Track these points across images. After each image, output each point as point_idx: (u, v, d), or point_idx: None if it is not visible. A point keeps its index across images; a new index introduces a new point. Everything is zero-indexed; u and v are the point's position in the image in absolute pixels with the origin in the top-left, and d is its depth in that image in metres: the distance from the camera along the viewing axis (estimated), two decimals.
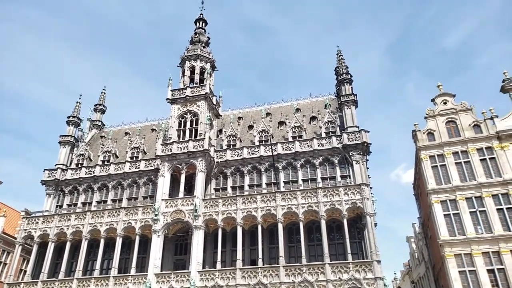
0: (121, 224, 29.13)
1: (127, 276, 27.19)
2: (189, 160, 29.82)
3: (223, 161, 30.57)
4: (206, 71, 34.07)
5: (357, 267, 23.64)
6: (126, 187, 32.38)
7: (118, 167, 33.13)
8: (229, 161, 30.46)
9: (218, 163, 30.56)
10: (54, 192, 33.95)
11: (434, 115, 29.29)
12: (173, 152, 30.09)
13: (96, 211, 30.75)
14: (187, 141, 30.46)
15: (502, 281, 23.05)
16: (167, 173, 30.11)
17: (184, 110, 32.65)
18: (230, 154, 30.72)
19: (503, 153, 26.30)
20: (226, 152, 30.90)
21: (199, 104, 32.41)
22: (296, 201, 26.43)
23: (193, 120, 32.21)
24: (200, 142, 30.06)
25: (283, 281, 24.18)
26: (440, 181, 26.94)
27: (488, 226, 24.61)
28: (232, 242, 27.83)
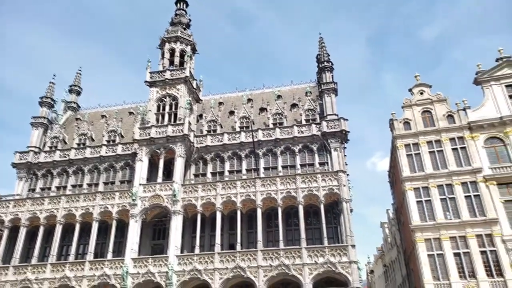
0: (97, 209, 28.70)
1: (103, 261, 26.97)
2: (168, 144, 29.53)
3: (203, 146, 30.45)
4: (187, 54, 33.50)
5: (333, 251, 24.33)
6: (103, 171, 31.82)
7: (94, 151, 32.44)
8: (209, 146, 30.38)
9: (198, 148, 30.43)
10: (26, 175, 32.98)
11: (410, 105, 30.08)
12: (152, 136, 29.70)
13: (71, 195, 30.14)
14: (166, 125, 30.09)
15: (467, 264, 24.36)
16: (145, 157, 29.75)
17: (163, 93, 32.12)
18: (211, 140, 30.62)
19: (473, 143, 27.42)
20: (206, 138, 30.78)
21: (179, 88, 31.95)
22: (275, 187, 26.78)
23: (172, 104, 31.77)
24: (179, 126, 29.77)
25: (261, 265, 24.64)
26: (414, 169, 27.89)
27: (457, 213, 25.79)
28: (211, 227, 28.00)
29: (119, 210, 28.37)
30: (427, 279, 24.51)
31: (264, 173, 28.74)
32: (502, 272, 23.46)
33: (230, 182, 27.85)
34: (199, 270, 25.25)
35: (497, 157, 26.72)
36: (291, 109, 32.44)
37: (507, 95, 28.16)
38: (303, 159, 28.91)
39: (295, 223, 27.02)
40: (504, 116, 27.23)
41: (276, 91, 34.53)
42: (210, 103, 34.46)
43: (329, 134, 28.41)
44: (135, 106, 37.64)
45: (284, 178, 27.21)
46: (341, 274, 23.61)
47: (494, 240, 24.33)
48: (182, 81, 31.97)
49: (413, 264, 29.06)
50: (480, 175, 26.12)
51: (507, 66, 28.78)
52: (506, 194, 25.53)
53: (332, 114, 29.58)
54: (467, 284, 23.73)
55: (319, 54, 33.05)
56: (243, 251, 25.57)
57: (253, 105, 33.56)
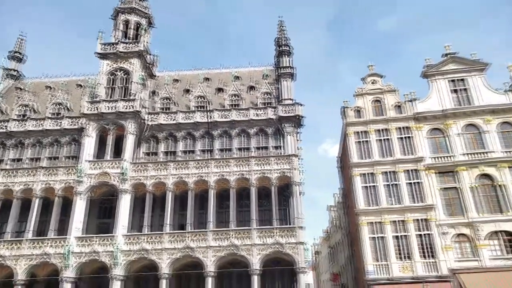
0: (39, 185, 27.18)
1: (44, 240, 25.72)
2: (118, 121, 28.39)
3: (155, 124, 29.59)
4: (142, 27, 32.06)
5: (282, 232, 24.98)
6: (47, 145, 29.98)
7: (37, 123, 30.40)
8: (162, 125, 29.58)
9: (150, 126, 29.52)
10: None
11: (363, 94, 31.07)
12: (101, 111, 28.37)
13: (9, 170, 28.28)
14: (117, 100, 28.85)
15: (405, 246, 26.03)
16: (93, 133, 28.42)
17: (115, 66, 30.63)
18: (164, 118, 29.81)
19: (418, 133, 28.99)
20: (160, 115, 29.91)
21: (132, 62, 30.62)
22: (229, 169, 26.80)
23: (124, 79, 30.43)
24: (131, 102, 28.65)
25: (211, 245, 24.79)
26: (362, 155, 29.05)
27: (399, 198, 27.33)
28: (161, 207, 27.54)
29: (64, 187, 27.05)
30: (369, 260, 25.95)
31: (218, 155, 28.58)
32: (434, 254, 25.36)
33: (183, 163, 27.45)
34: (147, 250, 24.89)
35: (438, 148, 28.50)
36: (249, 91, 32.33)
37: (450, 90, 29.92)
38: (258, 142, 29.07)
39: (246, 205, 27.29)
40: (446, 109, 28.97)
41: (234, 72, 34.15)
42: (165, 80, 33.40)
43: (284, 119, 28.72)
44: (84, 78, 35.55)
45: (239, 160, 27.28)
46: (288, 254, 24.35)
47: (430, 224, 26.15)
48: (135, 55, 30.64)
49: (356, 246, 30.60)
50: (422, 164, 27.78)
51: (452, 62, 30.48)
52: (444, 182, 27.40)
53: (288, 98, 29.86)
54: (403, 264, 25.44)
55: (279, 37, 33.02)
56: (193, 232, 25.51)
57: (210, 84, 33.02)
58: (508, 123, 28.12)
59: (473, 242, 25.25)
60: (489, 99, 28.86)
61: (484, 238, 25.11)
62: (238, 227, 25.72)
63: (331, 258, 49.87)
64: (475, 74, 29.89)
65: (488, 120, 28.19)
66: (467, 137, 28.30)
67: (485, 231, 25.27)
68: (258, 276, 24.18)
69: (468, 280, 23.62)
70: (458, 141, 28.08)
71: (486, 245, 25.02)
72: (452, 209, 26.48)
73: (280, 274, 25.45)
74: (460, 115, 28.71)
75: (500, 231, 25.30)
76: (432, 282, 23.79)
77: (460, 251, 25.42)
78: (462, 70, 30.17)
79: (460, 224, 25.83)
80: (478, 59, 30.12)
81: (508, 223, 25.27)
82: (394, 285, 24.69)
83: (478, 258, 24.82)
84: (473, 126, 28.47)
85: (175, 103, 31.60)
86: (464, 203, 26.31)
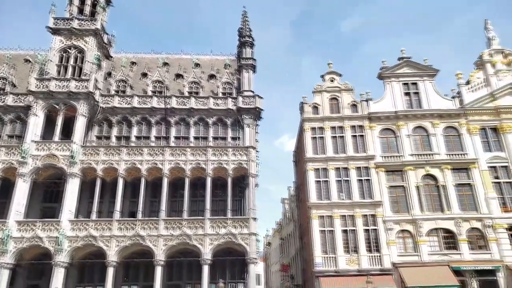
0: None
1: None
2: (69, 101, 26.94)
3: (109, 107, 28.39)
4: (99, 4, 30.49)
5: (235, 223, 25.05)
6: None
7: None
8: (116, 108, 28.43)
9: (104, 108, 28.29)
10: None
11: (321, 91, 31.72)
12: (51, 89, 26.74)
13: None
14: (69, 79, 27.33)
15: (352, 240, 27.09)
16: (40, 112, 26.76)
17: (68, 44, 28.96)
18: (118, 101, 28.66)
19: (370, 132, 30.13)
20: (114, 98, 28.72)
21: (87, 40, 29.08)
22: (184, 157, 26.36)
23: (78, 57, 28.87)
24: (84, 82, 27.25)
25: (162, 234, 24.37)
26: (317, 151, 29.75)
27: (349, 194, 28.33)
28: (111, 193, 26.58)
29: (5, 168, 25.36)
30: (317, 252, 26.76)
31: (174, 142, 27.99)
32: (379, 248, 26.63)
33: (136, 148, 26.63)
34: (94, 236, 24.01)
35: (388, 147, 29.81)
36: (209, 80, 31.86)
37: (403, 92, 31.31)
38: (216, 132, 28.79)
39: (201, 194, 27.05)
40: (398, 110, 30.31)
41: (195, 59, 33.44)
42: (122, 62, 32.09)
43: (244, 110, 28.65)
44: (33, 53, 33.22)
45: (195, 149, 26.90)
46: (240, 245, 24.50)
47: (376, 220, 27.38)
48: (91, 33, 29.13)
49: (306, 238, 31.42)
50: (373, 162, 28.93)
51: (406, 66, 31.88)
52: (392, 180, 28.76)
53: (248, 90, 29.80)
54: (350, 258, 26.50)
55: (242, 28, 32.76)
56: (144, 220, 24.94)
57: (169, 70, 32.16)
58: (452, 127, 29.96)
59: (415, 238, 26.80)
60: (437, 103, 30.56)
61: (424, 234, 26.72)
62: (191, 217, 25.46)
63: (282, 250, 50.89)
64: (426, 79, 31.50)
65: (435, 123, 29.87)
66: (416, 139, 29.84)
67: (425, 228, 26.89)
68: (209, 266, 24.15)
69: (407, 274, 25.07)
70: (407, 142, 29.52)
71: (426, 241, 26.65)
72: (398, 206, 27.90)
73: (231, 264, 25.57)
74: (410, 117, 30.17)
75: (439, 228, 27.04)
76: (375, 275, 24.96)
77: (403, 246, 26.90)
78: (415, 74, 31.68)
79: (404, 221, 27.29)
80: (430, 65, 31.76)
81: (446, 221, 27.04)
82: (340, 277, 25.66)
83: (418, 253, 26.40)
84: (421, 129, 30.04)
85: (131, 86, 30.49)
86: (409, 201, 27.80)
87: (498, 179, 28.27)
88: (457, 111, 30.12)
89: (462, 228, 26.69)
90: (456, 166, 28.57)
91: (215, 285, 24.57)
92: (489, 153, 28.89)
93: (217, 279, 24.63)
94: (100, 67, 29.69)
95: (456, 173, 28.50)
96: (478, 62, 32.27)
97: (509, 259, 25.81)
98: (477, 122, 29.81)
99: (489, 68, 31.50)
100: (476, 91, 30.91)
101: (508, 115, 29.74)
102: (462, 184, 28.19)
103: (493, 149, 29.10)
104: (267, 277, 68.75)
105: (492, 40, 32.90)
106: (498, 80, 30.98)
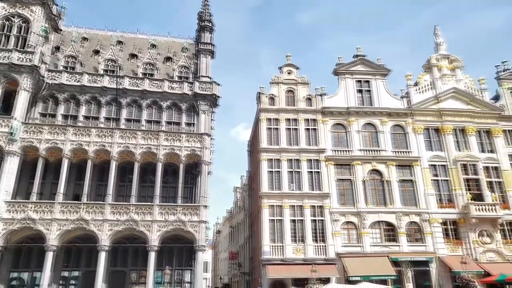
0: None
1: None
2: (11, 74, 25.02)
3: (56, 83, 26.69)
4: None
5: (185, 210, 24.73)
6: None
7: None
8: (64, 85, 26.79)
9: (50, 84, 26.56)
10: None
11: (278, 82, 31.95)
12: None
13: None
14: (11, 50, 25.33)
15: (300, 230, 27.80)
16: None
17: (12, 11, 26.80)
18: (67, 78, 27.02)
19: (323, 126, 30.89)
20: (62, 74, 27.04)
21: (34, 10, 27.05)
22: (135, 141, 25.47)
23: (22, 27, 26.81)
24: (28, 55, 25.38)
25: (107, 219, 23.55)
26: (271, 142, 30.05)
27: (299, 185, 28.98)
28: (54, 174, 25.21)
29: None
30: (266, 241, 27.19)
31: (125, 125, 26.94)
32: (325, 239, 27.59)
33: (84, 129, 25.35)
34: (33, 219, 22.70)
35: (339, 142, 30.77)
36: (165, 62, 30.89)
37: (356, 89, 32.35)
38: (170, 117, 28.07)
39: (151, 180, 26.39)
40: (350, 107, 31.30)
41: (152, 40, 32.24)
42: (72, 36, 30.21)
43: (200, 96, 28.15)
44: None
45: (147, 133, 26.09)
46: (189, 232, 24.28)
47: (324, 211, 28.27)
48: (38, 2, 27.14)
49: (256, 227, 31.81)
50: (323, 155, 29.75)
51: (360, 64, 32.92)
52: (340, 173, 29.76)
53: (206, 76, 29.30)
54: (297, 247, 27.21)
55: (202, 12, 32.01)
56: (89, 203, 23.94)
57: (123, 48, 30.74)
58: (400, 126, 31.50)
59: (359, 230, 28.04)
60: (387, 102, 31.93)
61: (368, 226, 28.03)
62: (140, 202, 24.78)
63: (231, 238, 51.22)
64: (378, 78, 32.76)
65: (384, 121, 31.22)
66: (365, 135, 31.04)
67: (369, 220, 28.21)
68: (156, 252, 23.72)
69: (350, 264, 26.21)
70: (356, 138, 30.63)
71: (369, 233, 27.98)
72: (345, 199, 28.99)
73: (179, 251, 25.29)
74: (361, 114, 31.29)
75: (382, 221, 28.48)
76: (320, 264, 25.82)
77: (347, 237, 28.04)
78: (368, 72, 32.82)
79: (349, 213, 28.42)
80: (383, 64, 33.04)
81: (388, 215, 28.52)
82: (286, 265, 26.29)
83: (361, 244, 27.67)
84: (371, 125, 31.29)
85: (82, 63, 28.85)
86: (355, 194, 28.97)
87: (437, 177, 30.23)
88: (405, 111, 31.68)
89: (402, 222, 28.30)
90: (400, 163, 30.14)
91: (161, 271, 24.25)
92: (430, 152, 30.76)
93: (164, 266, 24.31)
94: (47, 40, 27.78)
95: (400, 169, 30.06)
96: (426, 66, 34.06)
97: (441, 251, 27.82)
98: (422, 122, 31.57)
99: (436, 72, 33.38)
100: (423, 93, 32.67)
101: (449, 118, 31.76)
102: (405, 180, 29.82)
103: (434, 149, 31.02)
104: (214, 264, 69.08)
105: (440, 45, 34.83)
106: (442, 84, 32.93)
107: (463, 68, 33.94)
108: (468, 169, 30.21)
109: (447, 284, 26.95)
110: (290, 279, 25.92)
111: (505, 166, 30.75)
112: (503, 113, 32.43)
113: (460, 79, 33.37)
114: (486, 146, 31.49)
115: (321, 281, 24.22)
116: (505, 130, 32.15)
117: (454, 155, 30.47)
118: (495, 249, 28.10)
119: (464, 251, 27.92)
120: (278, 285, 26.34)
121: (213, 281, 66.35)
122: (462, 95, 32.51)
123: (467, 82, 33.46)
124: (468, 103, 32.36)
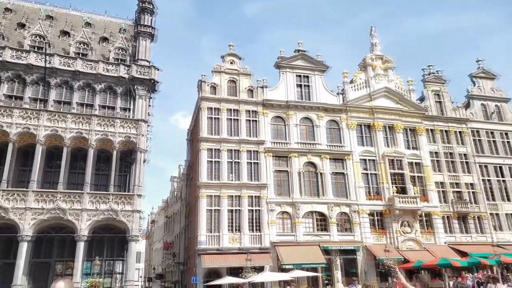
0: None
1: None
2: None
3: None
4: None
5: (118, 199, 23.67)
6: None
7: None
8: None
9: None
10: None
11: (220, 71, 31.69)
12: None
13: None
14: None
15: (237, 219, 28.06)
16: None
17: None
18: None
19: (263, 118, 31.30)
20: None
21: None
22: (65, 125, 23.73)
23: None
24: None
25: (30, 207, 21.81)
26: (212, 131, 29.82)
27: (238, 175, 29.17)
28: None
29: None
30: (202, 230, 27.06)
31: (54, 107, 25.01)
32: (261, 228, 28.12)
33: (5, 109, 23.10)
34: None
35: (278, 134, 31.40)
36: (100, 43, 29.06)
37: (296, 84, 33.14)
38: (104, 100, 26.52)
39: (81, 167, 24.85)
40: (290, 100, 32.02)
41: (86, 18, 30.09)
42: None
43: (137, 80, 26.94)
44: None
45: (78, 116, 24.42)
46: (122, 222, 23.31)
47: (261, 201, 28.77)
48: None
49: (192, 217, 31.50)
50: (263, 147, 30.18)
51: (301, 59, 33.74)
52: (278, 165, 30.43)
53: (144, 59, 28.07)
54: (233, 236, 27.44)
55: None
56: (9, 190, 21.99)
57: (54, 24, 28.38)
58: (334, 121, 32.89)
59: (293, 220, 28.96)
60: (324, 98, 33.15)
61: (301, 216, 29.05)
62: (68, 190, 23.27)
63: (167, 228, 50.28)
64: (317, 74, 33.85)
65: (320, 116, 32.39)
66: (302, 129, 32.00)
67: (303, 210, 29.25)
68: (86, 242, 22.50)
69: (283, 252, 27.02)
70: (294, 131, 31.47)
71: (302, 222, 29.03)
72: (281, 190, 29.74)
73: (111, 241, 24.22)
74: (300, 108, 32.16)
75: (314, 211, 29.68)
76: (255, 253, 26.28)
77: (282, 227, 28.84)
78: (308, 68, 33.75)
79: (285, 203, 29.23)
80: (322, 61, 34.17)
81: (321, 205, 29.80)
82: (221, 255, 26.42)
83: (295, 233, 28.63)
84: (308, 120, 32.31)
85: (4, 37, 26.16)
86: (291, 185, 29.83)
87: (366, 171, 32.13)
88: (340, 107, 33.12)
89: (333, 212, 29.73)
90: (334, 156, 31.54)
91: (91, 262, 23.09)
92: (362, 147, 32.56)
93: (94, 256, 23.17)
94: None
95: (333, 162, 31.47)
96: (362, 64, 35.86)
97: (368, 240, 29.72)
98: (355, 119, 33.26)
99: (370, 71, 35.27)
100: (358, 91, 34.38)
101: (380, 115, 33.82)
102: (337, 173, 31.30)
103: (365, 144, 32.89)
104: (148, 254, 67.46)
105: (375, 46, 36.82)
106: (376, 83, 34.90)
107: (395, 69, 36.33)
108: (395, 164, 32.48)
109: (371, 270, 28.90)
110: (225, 268, 26.09)
111: (426, 162, 33.54)
112: (427, 113, 35.27)
113: (392, 79, 35.62)
114: (411, 143, 34.07)
115: (256, 270, 24.68)
116: (428, 129, 35.04)
117: (383, 150, 32.55)
118: (414, 238, 30.64)
119: (387, 240, 30.09)
120: (214, 274, 26.40)
121: (147, 271, 64.82)
122: (393, 94, 34.75)
123: (398, 82, 35.84)
124: (397, 102, 34.67)
